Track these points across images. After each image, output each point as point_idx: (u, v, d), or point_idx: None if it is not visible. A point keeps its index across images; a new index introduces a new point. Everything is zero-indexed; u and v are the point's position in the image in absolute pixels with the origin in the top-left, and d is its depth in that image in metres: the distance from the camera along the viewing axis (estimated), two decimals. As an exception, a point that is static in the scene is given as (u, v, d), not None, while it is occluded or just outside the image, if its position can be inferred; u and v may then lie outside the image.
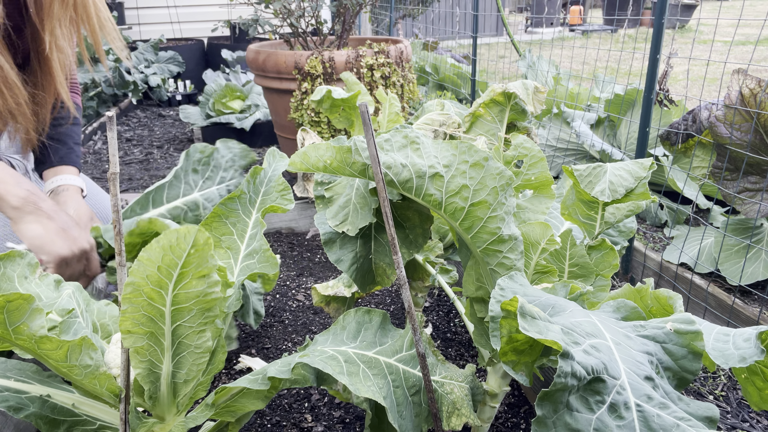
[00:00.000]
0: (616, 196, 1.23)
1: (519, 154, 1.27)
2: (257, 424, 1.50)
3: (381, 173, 0.92)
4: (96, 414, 1.02)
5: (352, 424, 1.50)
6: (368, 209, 1.10)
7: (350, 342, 1.08)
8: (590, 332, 0.74)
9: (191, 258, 0.84)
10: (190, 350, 0.97)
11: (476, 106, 1.51)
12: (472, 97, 3.55)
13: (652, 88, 2.03)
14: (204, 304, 0.92)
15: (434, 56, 5.53)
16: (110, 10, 6.36)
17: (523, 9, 13.85)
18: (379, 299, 2.13)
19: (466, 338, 1.87)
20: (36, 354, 0.89)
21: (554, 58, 6.52)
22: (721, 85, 2.15)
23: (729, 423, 1.53)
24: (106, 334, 1.15)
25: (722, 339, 0.82)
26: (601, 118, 3.29)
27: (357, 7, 3.09)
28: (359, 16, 4.36)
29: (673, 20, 6.55)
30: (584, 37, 8.52)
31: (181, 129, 4.73)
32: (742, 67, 1.99)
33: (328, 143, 0.98)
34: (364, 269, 1.17)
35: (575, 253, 1.20)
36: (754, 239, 2.18)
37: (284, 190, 1.31)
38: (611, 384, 0.67)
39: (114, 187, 0.84)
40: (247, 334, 1.90)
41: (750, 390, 0.90)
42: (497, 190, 0.94)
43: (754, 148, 1.99)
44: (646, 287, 0.95)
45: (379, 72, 2.87)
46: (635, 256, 2.24)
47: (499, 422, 1.50)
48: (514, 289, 0.84)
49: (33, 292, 1.05)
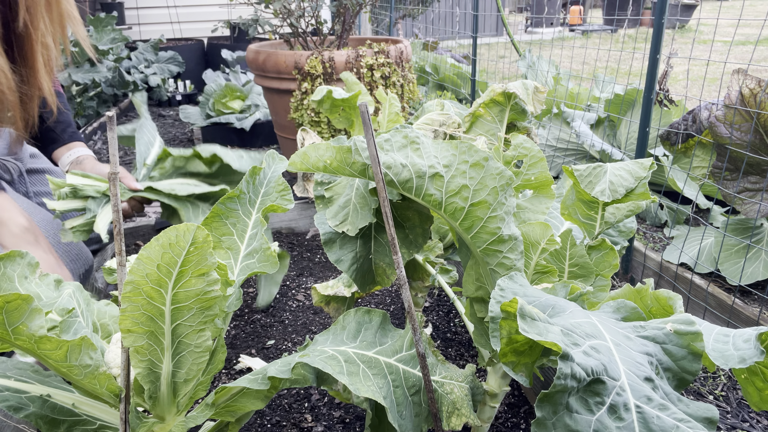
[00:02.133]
0: (616, 196, 1.22)
1: (519, 154, 1.27)
2: (257, 424, 1.50)
3: (381, 173, 0.92)
4: (96, 414, 1.02)
5: (352, 424, 1.50)
6: (368, 209, 1.10)
7: (350, 342, 1.08)
8: (590, 333, 0.74)
9: (191, 256, 0.84)
10: (190, 349, 0.97)
11: (476, 106, 1.51)
12: (472, 97, 3.55)
13: (652, 88, 2.03)
14: (204, 302, 0.92)
15: (434, 56, 5.53)
16: (110, 10, 6.34)
17: (523, 9, 13.84)
18: (379, 299, 2.13)
19: (466, 338, 1.87)
20: (36, 354, 0.89)
21: (554, 58, 6.52)
22: (721, 85, 2.15)
23: (729, 423, 1.53)
24: (106, 334, 1.15)
25: (722, 340, 0.82)
26: (601, 118, 3.29)
27: (357, 7, 3.09)
28: (359, 16, 4.36)
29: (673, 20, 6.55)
30: (584, 37, 8.52)
31: (181, 129, 4.73)
32: (742, 67, 1.99)
33: (328, 143, 0.98)
34: (364, 269, 1.17)
35: (575, 253, 1.20)
36: (754, 239, 2.18)
37: (284, 190, 1.31)
38: (611, 385, 0.67)
39: (114, 187, 0.84)
40: (247, 334, 1.90)
41: (750, 390, 0.90)
42: (497, 190, 0.94)
43: (754, 148, 1.99)
44: (646, 287, 0.95)
45: (379, 72, 2.87)
46: (635, 256, 2.24)
47: (499, 422, 1.50)
48: (514, 289, 0.84)
49: (33, 292, 1.05)
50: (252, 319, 1.99)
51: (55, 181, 1.58)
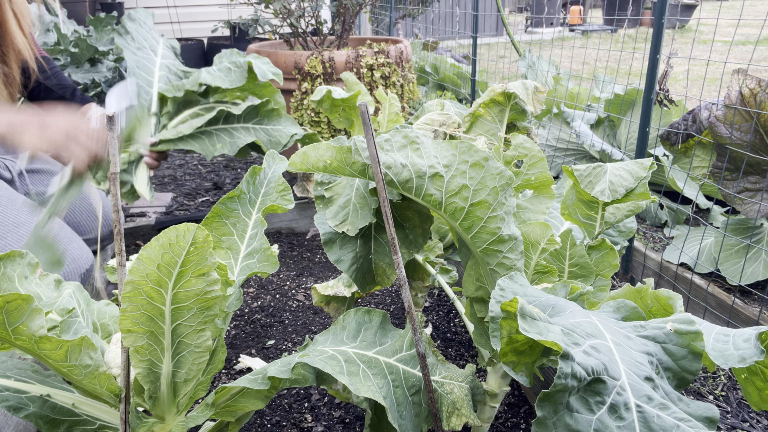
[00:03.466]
0: (616, 196, 1.22)
1: (519, 154, 1.27)
2: (257, 424, 1.50)
3: (381, 173, 0.92)
4: (96, 414, 1.02)
5: (352, 424, 1.50)
6: (368, 209, 1.10)
7: (350, 342, 1.08)
8: (590, 333, 0.74)
9: (191, 256, 0.84)
10: (190, 349, 0.97)
11: (476, 106, 1.51)
12: (472, 97, 3.55)
13: (652, 88, 2.03)
14: (204, 302, 0.92)
15: (434, 56, 5.53)
16: (110, 10, 6.32)
17: (523, 9, 13.84)
18: (379, 299, 2.13)
19: (466, 338, 1.87)
20: (36, 354, 0.89)
21: (554, 58, 6.52)
22: (721, 85, 2.15)
23: (729, 423, 1.53)
24: (106, 334, 1.15)
25: (722, 339, 0.82)
26: (601, 118, 3.29)
27: (357, 7, 3.09)
28: (359, 16, 4.36)
29: (673, 20, 6.55)
30: (584, 37, 8.52)
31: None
32: (742, 67, 1.99)
33: (328, 143, 0.98)
34: (364, 269, 1.17)
35: (575, 253, 1.20)
36: (754, 239, 2.18)
37: (284, 190, 1.31)
38: (611, 385, 0.67)
39: (114, 187, 0.84)
40: (247, 334, 1.90)
41: (750, 390, 0.90)
42: (497, 190, 0.94)
43: (754, 148, 1.99)
44: (646, 287, 0.95)
45: (379, 72, 2.87)
46: (635, 256, 2.24)
47: (499, 422, 1.50)
48: (514, 289, 0.84)
49: (33, 292, 1.05)
50: (252, 319, 1.99)
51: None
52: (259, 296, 2.14)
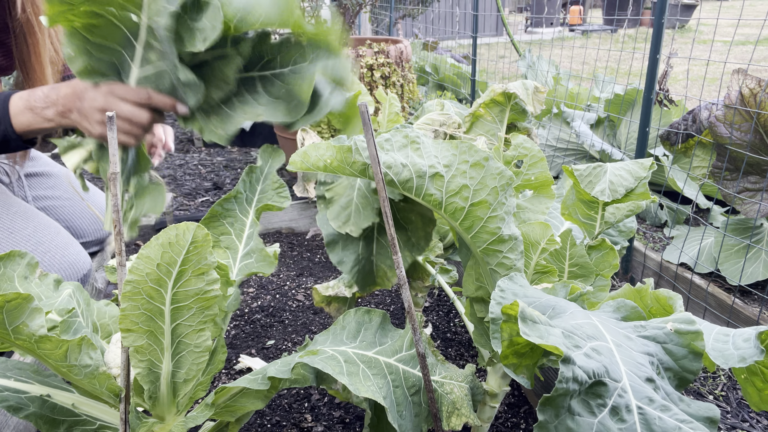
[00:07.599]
0: (616, 196, 1.22)
1: (519, 154, 1.27)
2: (257, 424, 1.50)
3: (381, 173, 0.92)
4: (96, 414, 1.02)
5: (352, 424, 1.50)
6: (371, 209, 1.10)
7: (350, 342, 1.08)
8: (591, 334, 0.74)
9: (190, 255, 0.84)
10: (190, 349, 0.97)
11: (476, 107, 1.50)
12: (472, 97, 3.55)
13: (652, 88, 2.03)
14: (203, 302, 0.91)
15: (434, 56, 5.53)
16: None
17: (523, 9, 13.84)
18: (379, 299, 2.13)
19: (466, 338, 1.87)
20: (36, 354, 0.89)
21: (554, 58, 6.52)
22: (721, 85, 2.15)
23: (729, 423, 1.53)
24: (106, 334, 1.15)
25: (722, 339, 0.82)
26: (601, 118, 3.29)
27: (357, 7, 3.09)
28: (359, 16, 4.35)
29: (673, 20, 6.55)
30: (584, 37, 8.52)
31: (181, 129, 4.73)
32: (742, 67, 1.99)
33: (328, 143, 0.98)
34: (365, 271, 1.17)
35: (575, 253, 1.20)
36: (754, 239, 2.18)
37: (280, 187, 1.31)
38: (613, 387, 0.67)
39: (114, 187, 0.84)
40: (247, 334, 1.90)
41: (750, 390, 0.90)
42: (497, 190, 0.94)
43: (754, 148, 1.99)
44: (646, 287, 0.95)
45: (378, 72, 2.87)
46: (635, 256, 2.24)
47: (499, 422, 1.50)
48: (514, 290, 0.83)
49: (33, 292, 1.05)
50: (252, 319, 1.99)
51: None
52: (259, 296, 2.14)
